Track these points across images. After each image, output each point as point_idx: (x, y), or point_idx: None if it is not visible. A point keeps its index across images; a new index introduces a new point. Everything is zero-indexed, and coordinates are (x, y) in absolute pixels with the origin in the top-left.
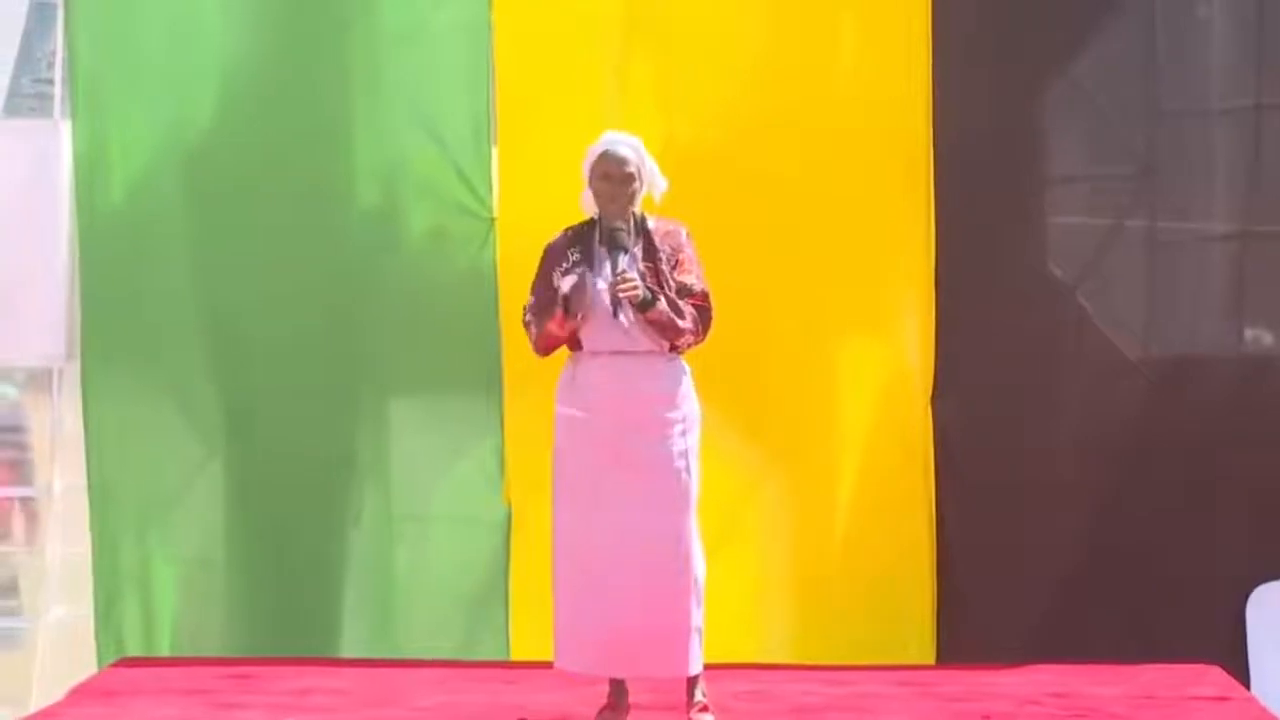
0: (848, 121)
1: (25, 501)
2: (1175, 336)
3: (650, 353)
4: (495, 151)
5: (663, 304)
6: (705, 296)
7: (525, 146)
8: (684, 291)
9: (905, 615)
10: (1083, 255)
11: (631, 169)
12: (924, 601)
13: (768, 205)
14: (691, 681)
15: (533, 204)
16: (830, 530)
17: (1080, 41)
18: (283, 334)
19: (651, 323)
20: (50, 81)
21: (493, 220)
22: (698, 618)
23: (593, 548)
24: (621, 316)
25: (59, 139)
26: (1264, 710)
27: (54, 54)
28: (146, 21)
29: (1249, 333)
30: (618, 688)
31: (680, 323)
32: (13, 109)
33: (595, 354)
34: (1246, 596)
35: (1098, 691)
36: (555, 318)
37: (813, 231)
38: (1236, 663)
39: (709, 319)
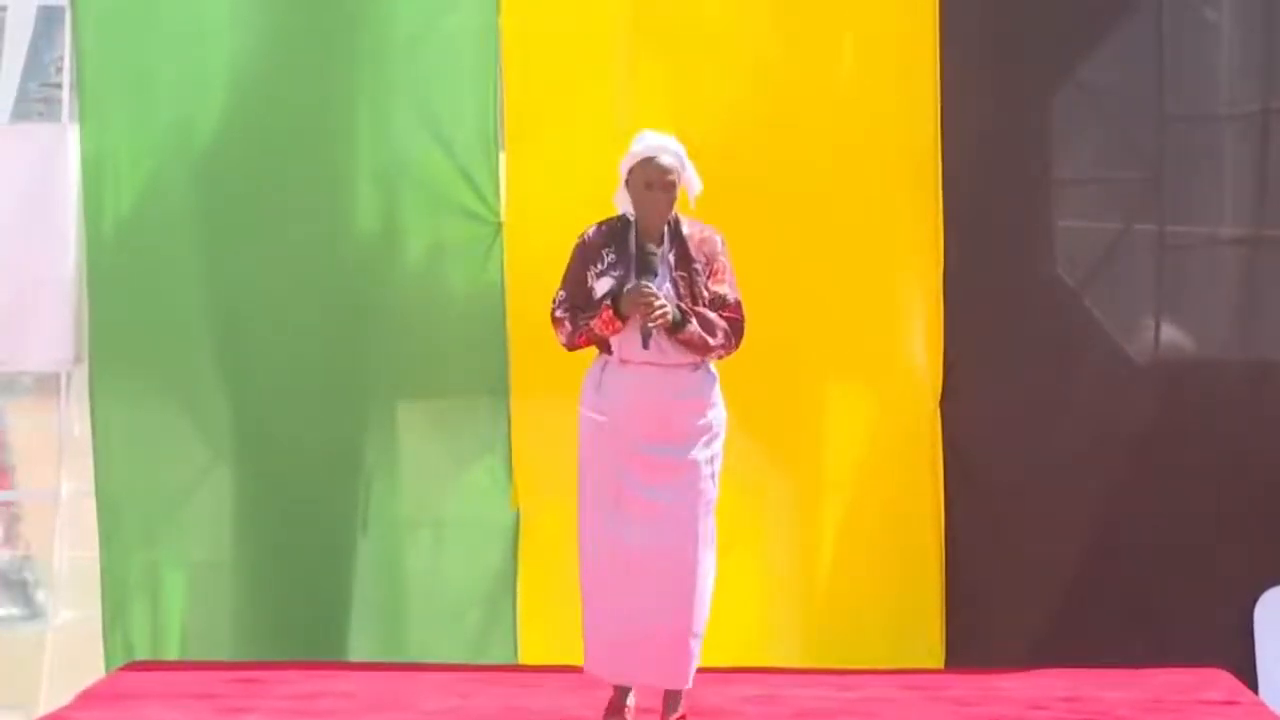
0: (856, 124)
1: (6, 505)
2: (1184, 340)
3: (678, 364)
4: (503, 156)
5: (694, 325)
6: (738, 307)
7: (533, 151)
8: (718, 302)
9: (913, 619)
10: (1091, 258)
11: (673, 177)
12: (932, 605)
13: (775, 207)
14: (675, 693)
15: (540, 209)
16: (839, 533)
17: (1088, 44)
18: (291, 338)
19: (682, 343)
20: (58, 86)
21: (500, 225)
22: (699, 629)
23: (614, 552)
24: (651, 344)
25: (67, 143)
26: (1272, 715)
27: (61, 59)
28: (153, 26)
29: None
30: (621, 691)
31: (711, 340)
32: (21, 113)
33: (625, 363)
34: (1254, 601)
35: (1105, 696)
36: (602, 318)
37: (821, 233)
38: (1244, 667)
39: (740, 330)
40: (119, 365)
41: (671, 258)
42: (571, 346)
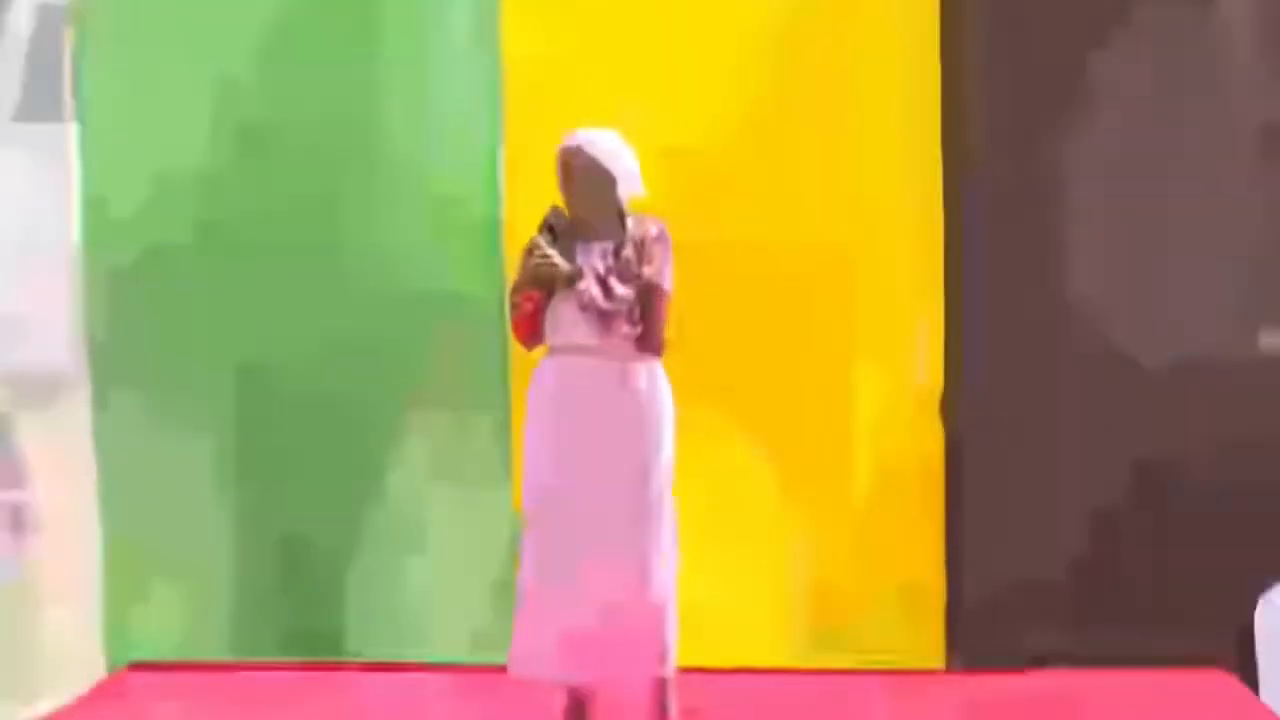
0: (856, 125)
1: (16, 509)
2: (1184, 340)
3: (614, 355)
4: (504, 155)
5: (586, 282)
6: (655, 290)
7: (533, 150)
8: (636, 280)
9: (914, 619)
10: (1093, 259)
11: (576, 163)
12: (932, 605)
13: (775, 208)
14: (660, 690)
15: (541, 209)
16: (840, 537)
17: (1090, 44)
18: (292, 342)
19: (576, 301)
20: (59, 86)
21: (500, 225)
22: (665, 620)
23: (555, 550)
24: (569, 325)
25: (67, 143)
26: (1272, 716)
27: (63, 59)
28: (155, 26)
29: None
30: (574, 700)
31: (603, 302)
32: (22, 113)
33: (556, 351)
34: (1254, 601)
35: (1106, 696)
36: (524, 295)
37: (820, 233)
38: (1244, 667)
39: (653, 311)
40: (119, 365)
41: (610, 247)
42: (519, 333)
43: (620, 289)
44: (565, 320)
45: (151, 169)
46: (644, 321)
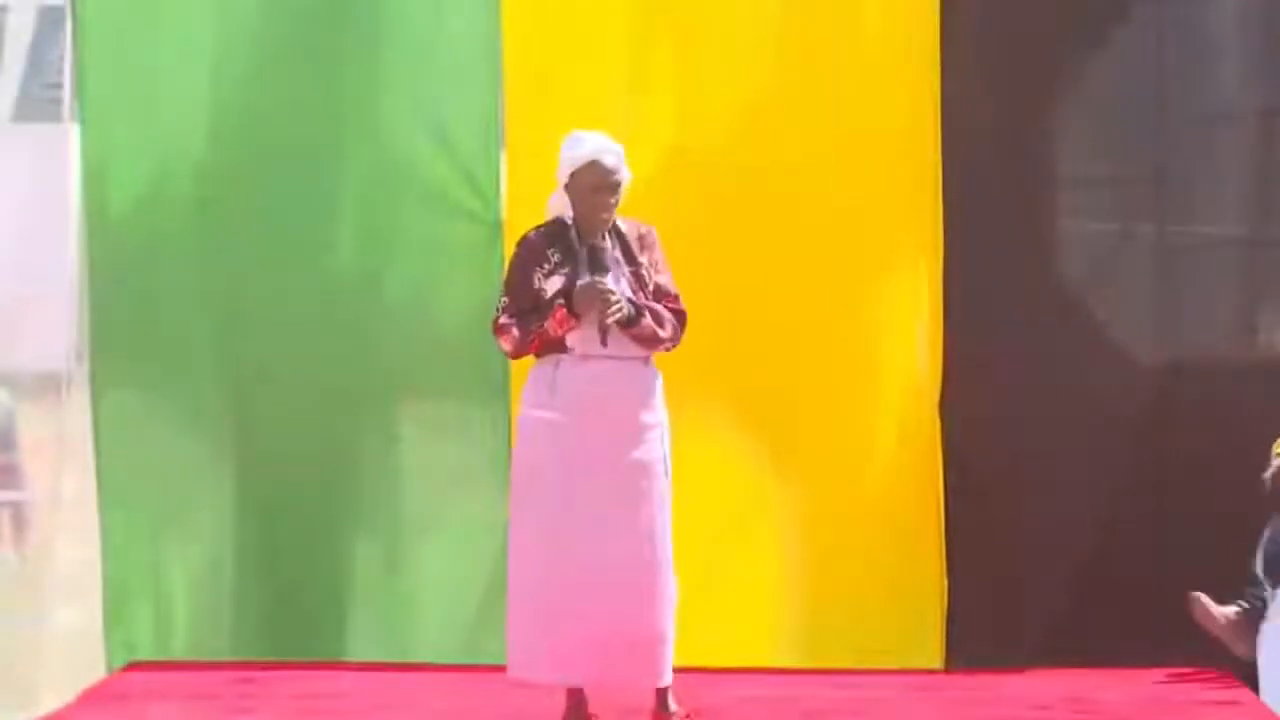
0: (856, 124)
1: (17, 506)
2: (1184, 340)
3: (633, 358)
4: (503, 156)
5: (647, 318)
6: (678, 299)
7: (533, 150)
8: (660, 293)
9: (914, 619)
10: (1092, 259)
11: (618, 178)
12: (932, 605)
13: (775, 208)
14: (661, 693)
15: (540, 209)
16: (839, 534)
17: (1088, 44)
18: (291, 337)
19: (634, 337)
20: (59, 86)
21: (500, 224)
22: (667, 627)
23: (560, 552)
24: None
25: (67, 143)
26: (1272, 715)
27: (62, 59)
28: (154, 26)
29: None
30: (575, 700)
31: (661, 333)
32: (22, 113)
33: (585, 358)
34: None
35: (1106, 696)
36: (555, 318)
37: (821, 233)
38: (1245, 669)
39: (684, 322)
40: (119, 365)
41: (619, 255)
42: (520, 353)
43: (669, 316)
44: (593, 334)
45: (151, 168)
46: (680, 330)
